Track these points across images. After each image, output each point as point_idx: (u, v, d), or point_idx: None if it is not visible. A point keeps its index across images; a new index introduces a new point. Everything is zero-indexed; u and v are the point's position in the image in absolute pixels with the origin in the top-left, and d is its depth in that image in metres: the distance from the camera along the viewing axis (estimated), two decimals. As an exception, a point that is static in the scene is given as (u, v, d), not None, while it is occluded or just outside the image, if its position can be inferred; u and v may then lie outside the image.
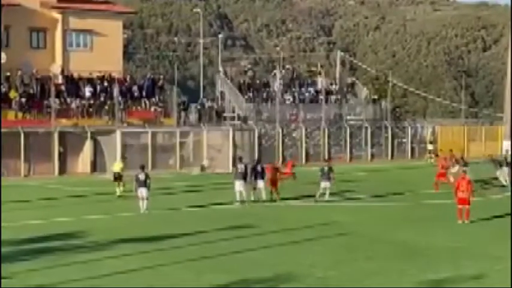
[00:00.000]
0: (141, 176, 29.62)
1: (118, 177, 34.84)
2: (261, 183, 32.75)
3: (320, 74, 69.56)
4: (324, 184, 32.83)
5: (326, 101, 62.53)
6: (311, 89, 65.91)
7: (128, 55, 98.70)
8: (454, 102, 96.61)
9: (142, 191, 29.39)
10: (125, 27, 63.94)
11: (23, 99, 49.55)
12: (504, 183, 38.69)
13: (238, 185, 31.69)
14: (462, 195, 27.01)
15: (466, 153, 67.30)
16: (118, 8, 60.60)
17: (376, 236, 24.07)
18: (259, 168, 33.00)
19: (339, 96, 66.29)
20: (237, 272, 18.38)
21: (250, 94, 62.55)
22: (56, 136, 47.75)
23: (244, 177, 31.67)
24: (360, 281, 17.69)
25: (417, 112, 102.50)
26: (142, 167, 30.63)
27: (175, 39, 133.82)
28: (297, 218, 28.01)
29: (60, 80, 52.53)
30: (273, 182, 33.64)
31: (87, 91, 52.56)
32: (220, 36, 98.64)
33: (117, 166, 35.78)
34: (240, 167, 32.05)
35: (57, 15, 54.61)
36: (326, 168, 33.08)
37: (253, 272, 18.43)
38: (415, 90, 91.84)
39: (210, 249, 21.35)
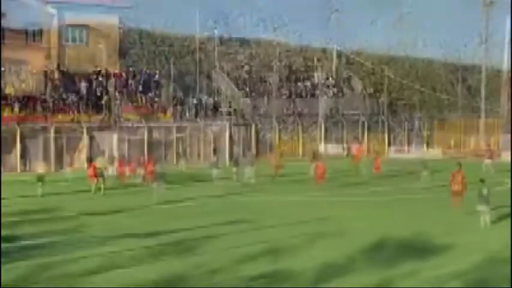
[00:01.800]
0: (159, 170, 30.50)
1: (99, 173, 34.52)
2: (248, 170, 37.14)
3: (316, 68, 69.54)
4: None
5: (322, 95, 62.52)
6: (307, 84, 65.90)
7: (123, 50, 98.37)
8: (450, 96, 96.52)
9: (161, 184, 30.03)
10: (120, 22, 63.70)
11: (19, 95, 49.47)
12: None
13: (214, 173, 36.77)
14: (456, 188, 27.17)
15: (463, 147, 67.50)
16: (114, 2, 60.47)
17: (374, 231, 24.03)
18: (240, 159, 38.75)
19: (335, 91, 66.31)
20: (234, 267, 18.35)
21: (247, 89, 62.51)
22: (52, 132, 47.65)
23: (217, 165, 37.38)
24: (358, 277, 17.66)
25: (414, 106, 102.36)
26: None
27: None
28: (294, 213, 27.98)
29: (56, 75, 52.46)
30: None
31: (83, 86, 52.48)
32: (216, 31, 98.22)
33: (98, 162, 35.34)
34: (215, 157, 37.89)
35: (52, 10, 54.49)
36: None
37: (250, 267, 18.40)
38: (412, 84, 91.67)
39: (209, 244, 21.34)
